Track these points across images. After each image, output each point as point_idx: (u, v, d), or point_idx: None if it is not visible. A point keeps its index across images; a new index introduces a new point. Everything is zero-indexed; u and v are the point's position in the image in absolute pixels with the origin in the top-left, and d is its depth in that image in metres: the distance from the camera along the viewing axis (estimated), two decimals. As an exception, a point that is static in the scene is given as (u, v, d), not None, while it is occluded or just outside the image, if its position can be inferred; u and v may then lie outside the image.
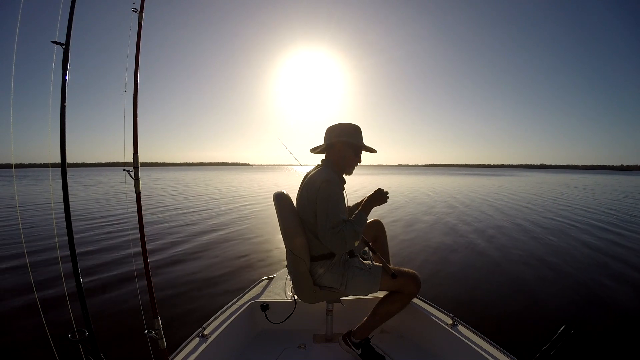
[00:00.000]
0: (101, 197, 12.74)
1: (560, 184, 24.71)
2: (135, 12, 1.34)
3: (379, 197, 1.55)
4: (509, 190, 17.31)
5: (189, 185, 20.90)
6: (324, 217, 1.40)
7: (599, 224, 7.21)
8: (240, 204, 10.60)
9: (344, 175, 1.61)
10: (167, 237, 5.74)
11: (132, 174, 1.26)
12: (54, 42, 1.06)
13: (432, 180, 28.39)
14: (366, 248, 1.82)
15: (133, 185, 1.28)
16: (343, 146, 1.55)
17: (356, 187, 16.66)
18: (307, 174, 1.62)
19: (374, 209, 1.57)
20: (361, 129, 1.60)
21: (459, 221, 7.37)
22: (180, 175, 41.41)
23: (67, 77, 1.07)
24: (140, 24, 1.34)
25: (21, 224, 7.23)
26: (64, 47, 1.07)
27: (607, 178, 41.13)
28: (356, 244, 1.44)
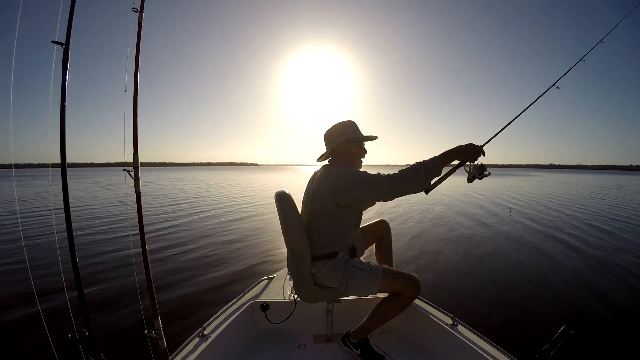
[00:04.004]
0: (118, 199, 12.23)
1: (586, 184, 24.07)
2: (135, 12, 1.34)
3: (474, 150, 1.41)
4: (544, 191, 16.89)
5: (216, 186, 20.24)
6: (370, 180, 1.36)
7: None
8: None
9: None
10: (171, 237, 5.75)
11: (132, 174, 1.27)
12: (54, 41, 1.06)
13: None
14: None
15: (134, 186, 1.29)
16: (346, 144, 1.56)
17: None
18: (315, 173, 1.63)
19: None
20: (355, 122, 1.59)
21: (459, 222, 7.38)
22: (200, 175, 40.66)
23: (67, 77, 1.07)
24: (140, 23, 1.34)
25: (21, 223, 7.22)
26: (64, 46, 1.07)
27: (624, 178, 40.64)
28: (418, 186, 1.31)
